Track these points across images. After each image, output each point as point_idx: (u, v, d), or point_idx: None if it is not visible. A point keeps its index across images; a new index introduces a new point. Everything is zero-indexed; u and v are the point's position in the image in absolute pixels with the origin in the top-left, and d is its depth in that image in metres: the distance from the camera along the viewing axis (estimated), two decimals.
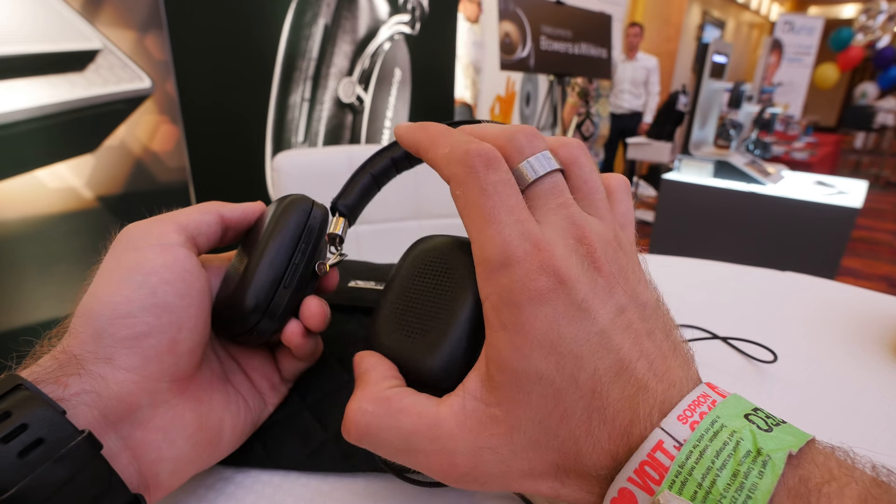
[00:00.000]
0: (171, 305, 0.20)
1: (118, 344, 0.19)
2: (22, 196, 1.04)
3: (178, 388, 0.21)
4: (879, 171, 5.45)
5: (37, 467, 0.15)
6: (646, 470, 0.15)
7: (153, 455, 0.20)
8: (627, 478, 0.15)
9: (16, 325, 1.07)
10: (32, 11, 0.99)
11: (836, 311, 0.47)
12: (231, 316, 0.23)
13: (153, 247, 0.21)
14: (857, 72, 8.20)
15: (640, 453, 0.15)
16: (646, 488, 0.15)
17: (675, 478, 0.15)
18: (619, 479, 0.16)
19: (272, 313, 0.23)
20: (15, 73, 0.98)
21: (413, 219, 0.90)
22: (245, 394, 0.25)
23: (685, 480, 0.15)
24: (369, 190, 0.28)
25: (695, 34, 6.17)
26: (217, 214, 0.24)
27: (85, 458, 0.16)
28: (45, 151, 1.05)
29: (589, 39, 3.23)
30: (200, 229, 0.23)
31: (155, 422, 0.20)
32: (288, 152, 0.83)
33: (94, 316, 0.19)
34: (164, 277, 0.20)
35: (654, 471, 0.15)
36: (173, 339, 0.20)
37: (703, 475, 0.14)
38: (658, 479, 0.15)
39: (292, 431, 0.26)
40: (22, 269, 1.06)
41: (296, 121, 1.56)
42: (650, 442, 0.15)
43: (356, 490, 0.24)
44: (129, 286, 0.20)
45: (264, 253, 0.23)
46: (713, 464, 0.14)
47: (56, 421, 0.16)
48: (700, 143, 1.98)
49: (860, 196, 1.69)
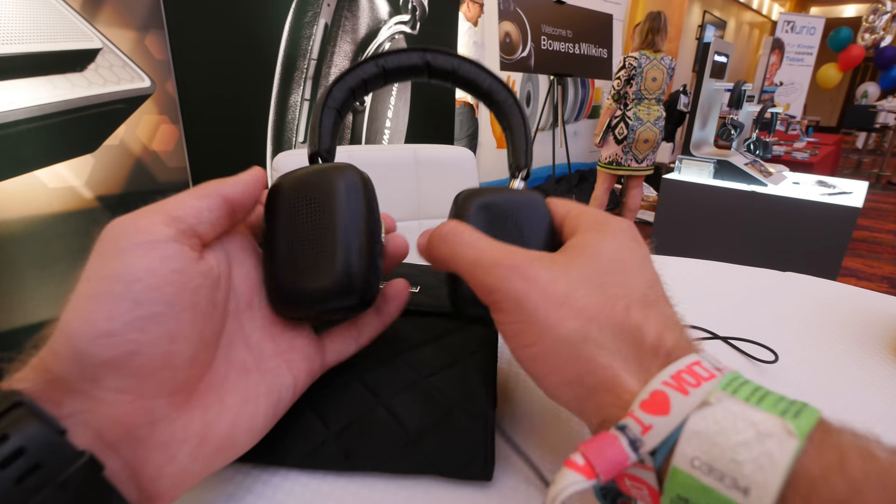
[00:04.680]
0: (160, 315, 0.18)
1: (103, 366, 0.17)
2: (22, 196, 1.04)
3: (180, 400, 0.19)
4: (881, 171, 5.45)
5: (36, 494, 0.15)
6: (683, 377, 0.16)
7: (152, 472, 0.18)
8: (663, 381, 0.16)
9: (16, 325, 1.07)
10: (32, 11, 0.99)
11: (837, 312, 0.46)
12: (331, 292, 0.22)
13: (137, 247, 0.18)
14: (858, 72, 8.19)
15: (677, 364, 0.17)
16: (681, 390, 0.16)
17: (728, 385, 0.16)
18: (654, 382, 0.16)
19: (375, 286, 0.24)
20: (15, 73, 0.98)
21: (413, 219, 0.90)
22: (272, 382, 0.23)
23: (737, 388, 0.15)
24: (337, 126, 0.28)
25: (695, 34, 6.17)
26: (218, 197, 0.21)
27: (86, 482, 0.16)
28: (44, 151, 1.05)
29: (589, 39, 3.23)
30: (201, 217, 0.20)
31: (154, 439, 0.18)
32: (288, 153, 0.83)
33: (74, 336, 0.17)
34: (149, 283, 0.18)
35: (692, 377, 0.16)
36: (166, 353, 0.18)
37: (754, 390, 0.16)
38: (696, 384, 0.16)
39: (293, 429, 0.26)
40: (22, 269, 1.06)
41: (296, 121, 1.56)
42: (688, 359, 0.17)
43: (356, 490, 0.24)
44: (108, 300, 0.17)
45: (352, 223, 0.22)
46: (758, 391, 0.16)
47: (55, 443, 0.15)
48: (701, 144, 1.98)
49: (861, 196, 1.69)
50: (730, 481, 0.14)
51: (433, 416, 0.26)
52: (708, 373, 0.16)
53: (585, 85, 3.74)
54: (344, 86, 0.28)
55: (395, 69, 0.29)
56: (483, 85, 0.30)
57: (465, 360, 0.31)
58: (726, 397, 0.15)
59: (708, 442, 0.15)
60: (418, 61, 0.29)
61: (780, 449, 0.14)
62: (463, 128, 2.77)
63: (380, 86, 0.30)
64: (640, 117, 2.57)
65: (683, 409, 0.15)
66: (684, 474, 0.15)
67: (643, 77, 2.51)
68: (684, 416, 0.15)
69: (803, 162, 3.00)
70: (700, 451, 0.15)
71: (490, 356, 0.31)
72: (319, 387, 0.28)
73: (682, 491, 0.15)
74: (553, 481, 0.16)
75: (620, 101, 2.61)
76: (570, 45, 3.12)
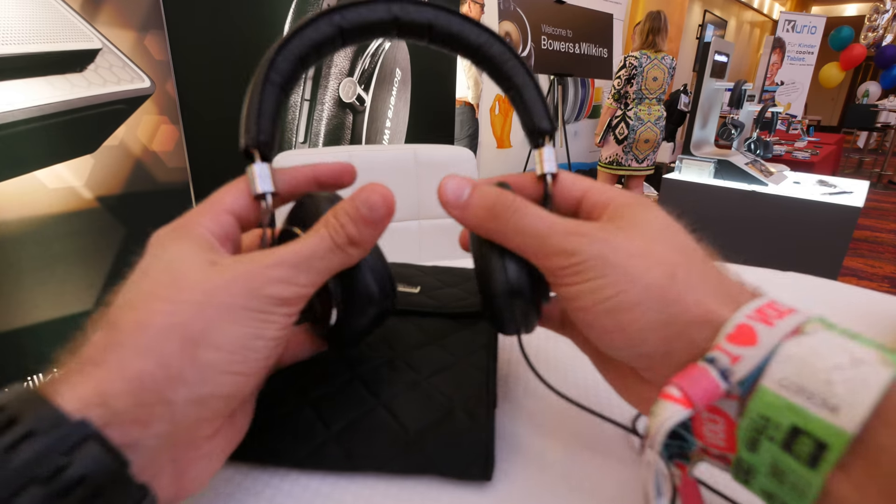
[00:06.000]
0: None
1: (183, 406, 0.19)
2: (22, 196, 1.04)
3: (232, 412, 0.22)
4: (882, 170, 5.44)
5: None
6: (765, 311, 0.17)
7: (193, 475, 0.20)
8: (746, 315, 0.17)
9: (16, 325, 1.07)
10: (32, 11, 0.99)
11: (839, 312, 0.46)
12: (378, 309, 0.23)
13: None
14: (859, 71, 8.19)
15: (757, 301, 0.18)
16: (766, 321, 0.16)
17: (821, 321, 0.16)
18: (738, 316, 0.17)
19: None
20: (15, 73, 0.98)
21: (413, 219, 0.90)
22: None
23: (830, 326, 0.16)
24: (281, 109, 0.23)
25: (696, 33, 6.17)
26: None
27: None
28: (44, 152, 1.05)
29: (589, 39, 3.22)
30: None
31: (205, 448, 0.20)
32: (288, 153, 0.83)
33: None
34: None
35: (774, 311, 0.17)
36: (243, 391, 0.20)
37: (844, 330, 0.16)
38: (779, 316, 0.17)
39: (294, 429, 0.26)
40: (22, 269, 1.06)
41: (296, 121, 1.56)
42: (765, 299, 0.18)
43: (356, 490, 0.24)
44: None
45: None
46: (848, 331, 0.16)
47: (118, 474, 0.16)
48: (701, 143, 1.97)
49: (862, 196, 1.69)
50: (819, 400, 0.14)
51: (433, 417, 0.26)
52: (787, 308, 0.17)
53: (586, 85, 3.74)
54: (290, 53, 0.22)
55: (354, 27, 0.23)
56: (471, 38, 0.24)
57: (465, 360, 0.31)
58: (822, 329, 0.16)
59: (801, 363, 0.15)
60: (384, 15, 0.23)
61: (876, 374, 0.14)
62: (463, 128, 2.77)
63: (335, 49, 0.23)
64: (641, 117, 2.57)
65: (771, 339, 0.16)
66: (771, 393, 0.15)
67: (644, 77, 2.50)
68: (773, 345, 0.16)
69: (804, 161, 3.00)
70: (791, 372, 0.15)
71: (490, 356, 0.31)
72: (320, 387, 0.28)
73: (765, 410, 0.15)
74: (652, 414, 0.17)
75: (621, 100, 2.61)
76: (570, 44, 3.12)
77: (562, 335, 0.26)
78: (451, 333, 0.34)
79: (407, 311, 0.36)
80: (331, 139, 1.65)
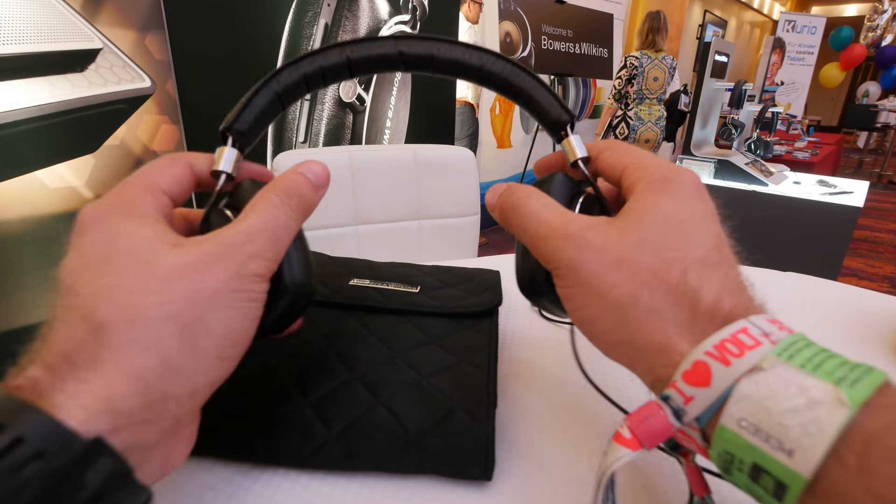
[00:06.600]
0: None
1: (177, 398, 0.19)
2: (23, 196, 1.04)
3: None
4: (882, 170, 5.44)
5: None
6: (726, 346, 0.16)
7: (175, 459, 0.20)
8: (705, 351, 0.16)
9: (16, 325, 1.07)
10: (32, 11, 0.99)
11: (838, 312, 0.46)
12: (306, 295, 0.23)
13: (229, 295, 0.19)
14: (859, 71, 8.19)
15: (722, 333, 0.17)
16: (723, 360, 0.16)
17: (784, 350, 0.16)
18: (696, 352, 0.17)
19: None
20: (15, 73, 0.98)
21: (413, 219, 0.90)
22: None
23: (794, 354, 0.15)
24: (271, 112, 0.24)
25: (696, 33, 6.16)
26: None
27: None
28: (45, 151, 1.05)
29: (590, 39, 3.23)
30: None
31: (186, 432, 0.20)
32: (288, 153, 0.83)
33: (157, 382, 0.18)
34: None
35: (736, 346, 0.16)
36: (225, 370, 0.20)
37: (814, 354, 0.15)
38: (739, 354, 0.16)
39: (294, 428, 0.26)
40: (22, 269, 1.06)
41: (296, 120, 1.56)
42: (736, 326, 0.17)
43: (356, 490, 0.24)
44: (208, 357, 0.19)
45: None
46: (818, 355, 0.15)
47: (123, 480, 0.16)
48: (701, 143, 1.97)
49: (862, 196, 1.69)
50: (775, 443, 0.14)
51: (433, 416, 0.26)
52: (754, 340, 0.16)
53: (587, 84, 3.74)
54: (297, 71, 0.24)
55: (362, 60, 0.25)
56: (471, 62, 0.25)
57: (465, 359, 0.31)
58: (780, 363, 0.15)
59: (756, 405, 0.15)
60: (391, 51, 0.25)
61: (829, 417, 0.14)
62: (463, 128, 2.77)
63: (342, 79, 0.25)
64: (641, 117, 2.57)
65: (724, 381, 0.16)
66: (731, 432, 0.15)
67: (644, 77, 2.50)
68: (725, 386, 0.16)
69: (804, 161, 3.00)
70: (748, 413, 0.15)
71: (490, 356, 0.31)
72: (321, 387, 0.28)
73: (727, 446, 0.16)
74: (604, 453, 0.18)
75: (621, 100, 2.61)
76: (570, 44, 3.12)
77: None
78: (451, 333, 0.34)
79: (407, 311, 0.36)
80: (331, 139, 1.65)
